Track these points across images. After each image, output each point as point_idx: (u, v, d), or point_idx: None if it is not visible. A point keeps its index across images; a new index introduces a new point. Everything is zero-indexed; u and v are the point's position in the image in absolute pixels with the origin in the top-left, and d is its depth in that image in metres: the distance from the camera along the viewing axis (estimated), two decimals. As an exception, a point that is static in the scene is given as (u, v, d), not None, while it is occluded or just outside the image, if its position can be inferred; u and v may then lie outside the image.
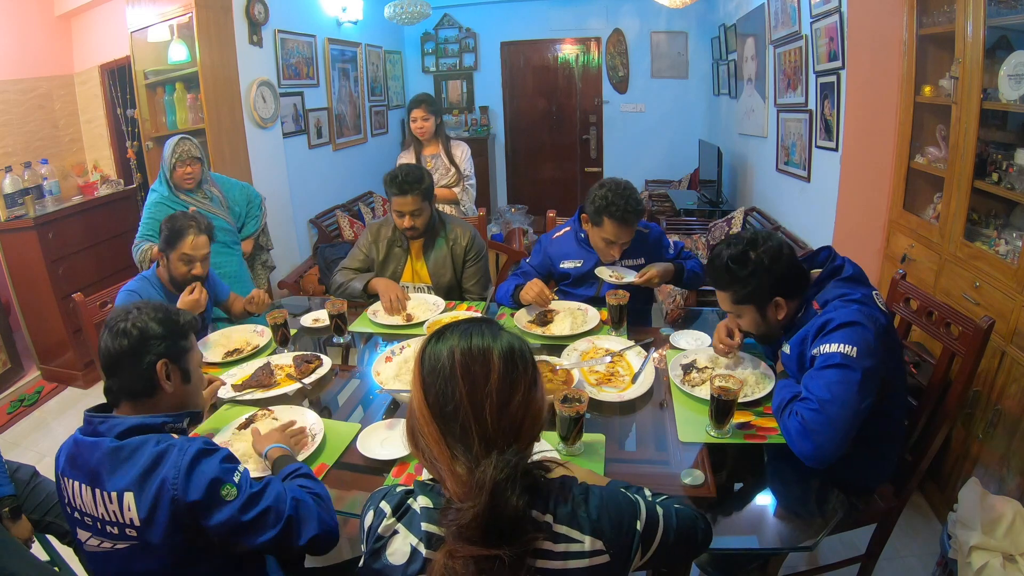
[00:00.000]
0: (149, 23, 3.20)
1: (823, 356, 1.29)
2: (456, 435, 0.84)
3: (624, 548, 0.85)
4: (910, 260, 2.43)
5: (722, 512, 1.21)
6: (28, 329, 3.33)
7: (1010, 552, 1.52)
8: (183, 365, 1.18)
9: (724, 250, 1.42)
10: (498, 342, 0.88)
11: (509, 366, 0.87)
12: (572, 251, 2.18)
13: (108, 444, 1.04)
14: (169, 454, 1.02)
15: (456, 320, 0.94)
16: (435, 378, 0.86)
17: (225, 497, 1.02)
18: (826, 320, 1.32)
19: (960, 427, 1.97)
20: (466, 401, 0.83)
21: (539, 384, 0.91)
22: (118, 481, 1.01)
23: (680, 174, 5.72)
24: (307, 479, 1.19)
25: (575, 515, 0.83)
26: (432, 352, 0.88)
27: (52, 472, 1.33)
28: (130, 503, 1.00)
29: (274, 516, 1.04)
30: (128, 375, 1.12)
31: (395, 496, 0.88)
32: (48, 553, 1.71)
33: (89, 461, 1.04)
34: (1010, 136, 2.03)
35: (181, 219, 1.95)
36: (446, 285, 2.33)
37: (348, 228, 4.38)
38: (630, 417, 1.52)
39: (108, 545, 1.04)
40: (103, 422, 1.08)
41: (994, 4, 1.90)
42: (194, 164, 2.53)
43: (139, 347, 1.12)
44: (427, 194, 2.20)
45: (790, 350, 1.44)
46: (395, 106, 5.82)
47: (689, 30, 5.52)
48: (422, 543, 0.82)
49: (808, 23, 3.11)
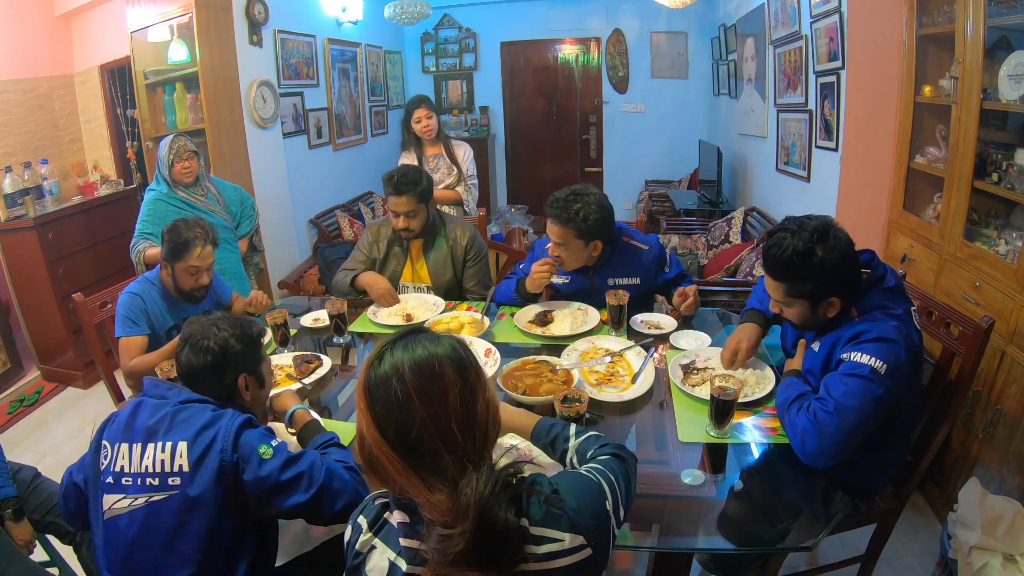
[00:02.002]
0: (149, 23, 3.20)
1: (851, 363, 1.26)
2: (425, 464, 0.78)
3: (604, 535, 0.84)
4: (910, 260, 2.43)
5: (722, 512, 1.21)
6: (28, 329, 3.33)
7: (1010, 552, 1.52)
8: (259, 374, 1.29)
9: (788, 239, 1.30)
10: (442, 348, 0.83)
11: (463, 373, 0.82)
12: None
13: (171, 407, 1.16)
14: (222, 418, 1.14)
15: (388, 337, 0.87)
16: (389, 409, 0.79)
17: (263, 455, 1.11)
18: (863, 329, 1.29)
19: (960, 427, 1.97)
20: (430, 425, 0.78)
21: (488, 381, 0.87)
22: (176, 435, 1.11)
23: (680, 174, 5.72)
24: (339, 450, 1.28)
25: (550, 514, 0.80)
26: (378, 379, 0.81)
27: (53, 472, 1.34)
28: (183, 451, 1.10)
29: (307, 482, 1.12)
30: (209, 387, 1.22)
31: (372, 509, 0.86)
32: (48, 553, 1.71)
33: (149, 420, 1.14)
34: (1010, 136, 2.03)
35: (185, 230, 1.88)
36: (446, 285, 2.32)
37: (348, 228, 4.38)
38: (630, 417, 1.52)
39: (142, 500, 1.10)
40: (170, 388, 1.21)
41: (994, 4, 1.90)
42: (191, 158, 2.53)
43: (222, 363, 1.21)
44: (423, 196, 2.19)
45: (819, 348, 1.41)
46: (395, 106, 5.81)
47: (689, 30, 5.52)
48: (401, 558, 0.80)
49: (808, 23, 3.11)
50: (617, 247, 2.05)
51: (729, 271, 3.25)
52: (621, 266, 2.06)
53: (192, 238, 1.87)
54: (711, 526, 1.18)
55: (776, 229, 1.36)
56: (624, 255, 2.06)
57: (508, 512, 0.75)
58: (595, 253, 1.99)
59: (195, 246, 1.88)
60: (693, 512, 1.22)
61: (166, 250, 1.90)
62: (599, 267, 2.06)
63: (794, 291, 1.35)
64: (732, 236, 3.78)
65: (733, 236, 3.78)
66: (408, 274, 2.36)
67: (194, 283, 1.93)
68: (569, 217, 1.89)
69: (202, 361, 1.20)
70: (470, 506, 0.74)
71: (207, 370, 1.21)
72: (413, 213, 2.19)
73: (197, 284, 1.94)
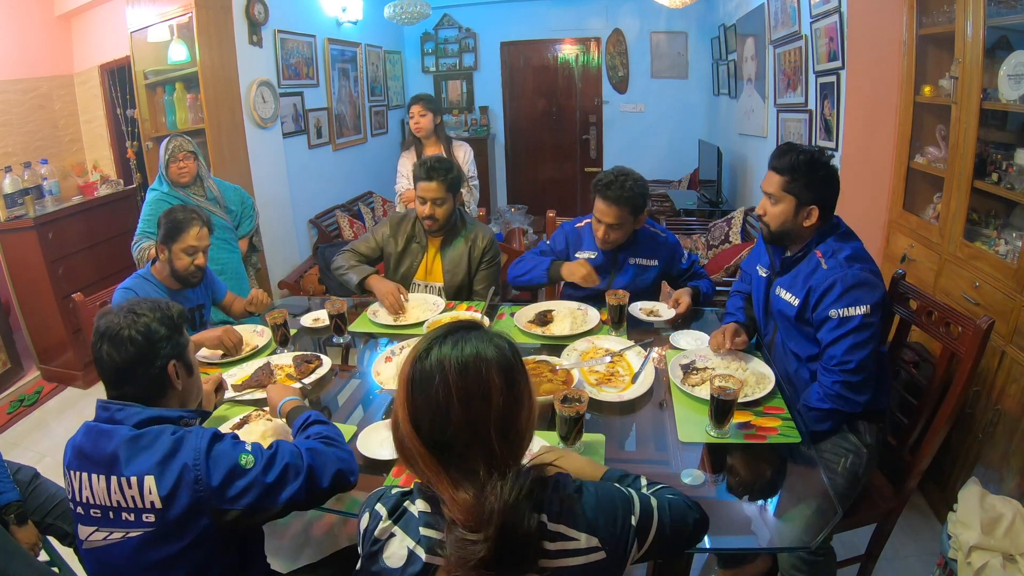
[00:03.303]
0: (149, 23, 3.20)
1: (841, 319, 1.47)
2: (455, 463, 0.78)
3: (620, 544, 0.84)
4: (910, 260, 2.43)
5: (722, 512, 1.21)
6: (28, 329, 3.33)
7: (1010, 552, 1.52)
8: (186, 360, 1.17)
9: (797, 146, 1.56)
10: (491, 350, 0.80)
11: (509, 381, 0.80)
12: (588, 242, 2.19)
13: (127, 432, 1.04)
14: (187, 440, 1.05)
15: (439, 328, 0.86)
16: (428, 404, 0.78)
17: (245, 466, 1.05)
18: (833, 281, 1.48)
19: (960, 427, 1.97)
20: (467, 429, 0.77)
21: (534, 388, 0.85)
22: (138, 466, 1.01)
23: (680, 174, 5.72)
24: (317, 425, 1.24)
25: (570, 512, 0.80)
26: (422, 373, 0.79)
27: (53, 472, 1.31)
28: (151, 486, 1.01)
29: (294, 471, 1.08)
30: (140, 383, 1.10)
31: (391, 498, 0.86)
32: (49, 554, 1.71)
33: (105, 448, 1.03)
34: (1010, 136, 2.03)
35: (181, 212, 1.94)
36: (458, 285, 2.32)
37: (348, 228, 4.38)
38: (630, 417, 1.52)
39: (119, 535, 1.04)
40: (120, 410, 1.08)
41: (994, 4, 1.90)
42: (187, 158, 2.53)
43: (148, 352, 1.09)
44: (452, 186, 2.20)
45: (781, 291, 1.62)
46: (395, 106, 5.82)
47: (689, 30, 5.52)
48: (420, 546, 0.80)
49: (808, 23, 3.11)
50: (640, 230, 2.15)
51: (729, 271, 3.25)
52: (643, 247, 2.16)
53: (188, 219, 1.92)
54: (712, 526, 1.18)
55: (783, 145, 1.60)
56: (646, 238, 2.17)
57: (531, 518, 0.75)
58: (638, 226, 2.11)
59: (192, 226, 1.92)
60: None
61: (163, 233, 1.92)
62: (625, 246, 2.15)
63: (790, 186, 1.55)
64: (732, 236, 3.78)
65: (733, 236, 3.77)
66: (422, 271, 2.35)
67: (190, 263, 1.94)
68: (625, 196, 1.99)
69: (125, 354, 1.07)
70: (494, 513, 0.73)
71: (133, 363, 1.08)
72: (440, 201, 2.19)
73: (193, 265, 1.95)
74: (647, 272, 2.15)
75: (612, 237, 2.07)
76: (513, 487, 0.75)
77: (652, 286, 2.18)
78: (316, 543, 2.04)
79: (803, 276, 1.57)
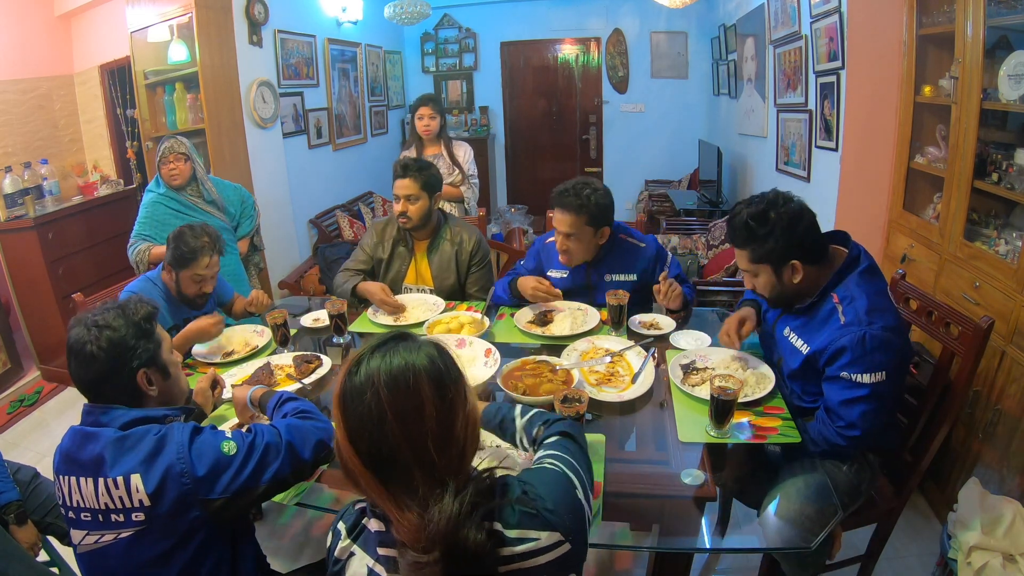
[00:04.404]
0: (149, 23, 3.20)
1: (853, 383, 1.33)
2: (397, 481, 0.76)
3: (580, 528, 0.83)
4: (910, 260, 2.43)
5: (722, 512, 1.21)
6: (28, 329, 3.33)
7: (1010, 552, 1.52)
8: (159, 363, 1.16)
9: (744, 208, 1.43)
10: (420, 358, 0.79)
11: (441, 389, 0.78)
12: (558, 261, 2.09)
13: (112, 434, 1.05)
14: (169, 436, 1.06)
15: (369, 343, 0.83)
16: (363, 423, 0.76)
17: (228, 453, 1.06)
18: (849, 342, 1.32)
19: (960, 427, 1.97)
20: (404, 445, 0.75)
21: (470, 392, 0.83)
22: (123, 466, 1.02)
23: (680, 174, 5.72)
24: (290, 402, 1.27)
25: (524, 515, 0.79)
26: (353, 390, 0.78)
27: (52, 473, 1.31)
28: (137, 484, 1.01)
29: (275, 451, 1.10)
30: (111, 393, 1.11)
31: (351, 515, 0.85)
32: (48, 554, 1.71)
33: (92, 451, 1.04)
34: (1010, 136, 2.03)
35: (192, 239, 1.87)
36: (448, 288, 2.31)
37: (348, 228, 4.38)
38: (630, 417, 1.52)
39: (110, 537, 1.04)
40: (105, 412, 1.09)
41: (994, 4, 1.90)
42: (179, 160, 2.52)
43: (114, 364, 1.09)
44: (428, 185, 2.19)
45: (790, 333, 1.50)
46: (395, 106, 5.82)
47: (689, 30, 5.52)
48: (380, 564, 0.79)
49: (808, 23, 3.11)
50: (614, 243, 2.06)
51: (729, 271, 3.25)
52: (619, 262, 2.06)
53: (200, 247, 1.86)
54: (712, 526, 1.18)
55: (735, 203, 1.47)
56: (621, 251, 2.07)
57: (480, 531, 0.73)
58: (601, 241, 2.01)
59: (203, 255, 1.87)
60: (693, 512, 1.22)
61: (172, 257, 1.89)
62: (597, 263, 2.07)
63: (755, 256, 1.43)
64: (732, 236, 3.77)
65: (733, 236, 3.77)
66: (412, 275, 2.35)
67: (198, 290, 1.93)
68: (582, 203, 1.90)
69: (92, 372, 1.08)
70: (439, 535, 0.72)
71: (101, 377, 1.08)
72: (413, 198, 2.19)
73: (200, 291, 1.94)
74: (625, 288, 1.98)
75: (571, 248, 1.98)
76: (454, 503, 0.73)
77: (638, 304, 2.02)
78: (316, 543, 2.04)
79: (817, 323, 1.42)
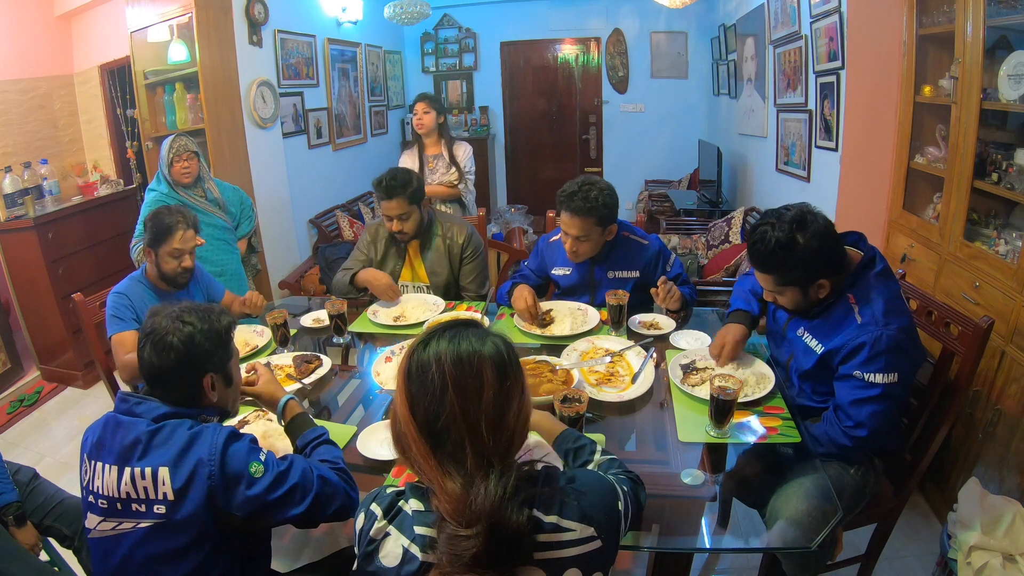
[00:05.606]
0: (149, 23, 3.20)
1: (866, 383, 1.34)
2: (447, 451, 0.81)
3: (613, 532, 0.86)
4: (910, 260, 2.43)
5: (722, 512, 1.21)
6: (28, 329, 3.33)
7: (1010, 552, 1.52)
8: (227, 372, 1.19)
9: (770, 232, 1.35)
10: (487, 347, 0.84)
11: (502, 377, 0.83)
12: (563, 258, 2.09)
13: (145, 426, 1.07)
14: (203, 435, 1.06)
15: (439, 324, 0.90)
16: (424, 393, 0.82)
17: (254, 474, 1.05)
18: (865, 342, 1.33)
19: (960, 427, 1.97)
20: (460, 418, 0.80)
21: (527, 387, 0.88)
22: (154, 459, 1.04)
23: (680, 174, 5.72)
24: (328, 447, 1.23)
25: (563, 504, 0.82)
26: (419, 362, 0.84)
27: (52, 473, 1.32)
28: (164, 478, 1.03)
29: (300, 494, 1.08)
30: (174, 388, 1.13)
31: (386, 498, 0.87)
32: (49, 555, 1.71)
33: (123, 440, 1.06)
34: (1010, 136, 2.02)
35: (166, 215, 1.92)
36: (443, 284, 2.31)
37: (348, 228, 4.38)
38: (630, 417, 1.52)
39: (128, 525, 1.05)
40: (140, 403, 1.11)
41: (994, 4, 1.90)
42: (191, 159, 2.52)
43: (187, 362, 1.12)
44: (414, 198, 2.17)
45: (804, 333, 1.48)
46: (395, 106, 5.82)
47: (689, 30, 5.52)
48: (415, 544, 0.81)
49: (808, 23, 3.11)
50: (617, 240, 2.06)
51: (729, 271, 3.26)
52: (621, 259, 2.07)
53: (174, 223, 1.90)
54: (712, 526, 1.18)
55: (757, 224, 1.41)
56: (624, 248, 2.07)
57: (521, 513, 0.77)
58: (609, 238, 2.02)
59: (177, 230, 1.90)
60: (693, 512, 1.22)
61: (149, 237, 1.91)
62: (602, 259, 2.07)
63: (783, 280, 1.40)
64: (732, 236, 3.78)
65: (733, 236, 3.77)
66: (407, 274, 2.36)
67: (177, 266, 1.93)
68: (591, 205, 1.90)
69: (165, 360, 1.11)
70: (483, 512, 0.75)
71: (171, 370, 1.11)
72: (406, 216, 2.18)
73: (180, 267, 1.94)
74: (626, 285, 2.02)
75: (580, 250, 1.98)
76: (499, 484, 0.77)
77: (639, 303, 2.02)
78: (316, 543, 2.04)
79: (832, 323, 1.42)
